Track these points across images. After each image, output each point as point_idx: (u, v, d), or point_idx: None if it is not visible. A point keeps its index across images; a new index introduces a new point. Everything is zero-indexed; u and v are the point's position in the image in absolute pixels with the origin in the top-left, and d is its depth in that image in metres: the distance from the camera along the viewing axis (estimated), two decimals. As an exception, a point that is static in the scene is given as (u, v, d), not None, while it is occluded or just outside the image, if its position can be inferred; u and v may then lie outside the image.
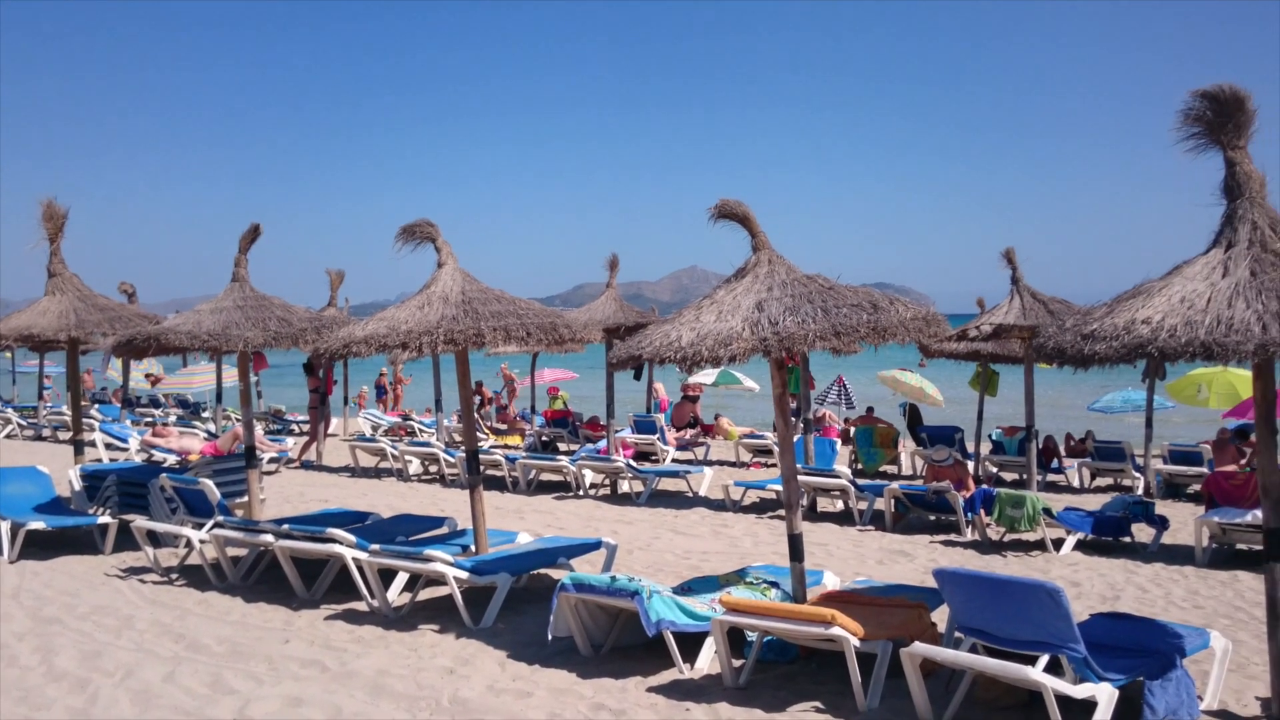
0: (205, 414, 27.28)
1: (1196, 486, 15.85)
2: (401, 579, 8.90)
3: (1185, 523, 12.73)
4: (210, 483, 10.97)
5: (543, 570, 9.44)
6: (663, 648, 7.16)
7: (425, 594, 9.07)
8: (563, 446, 22.23)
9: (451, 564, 8.37)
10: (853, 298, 7.14)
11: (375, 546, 8.72)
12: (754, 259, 7.65)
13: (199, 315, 10.64)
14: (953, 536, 12.38)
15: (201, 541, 10.01)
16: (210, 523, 10.10)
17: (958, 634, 6.59)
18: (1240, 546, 11.27)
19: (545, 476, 16.91)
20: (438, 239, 9.37)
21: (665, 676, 7.04)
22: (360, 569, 8.72)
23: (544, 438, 22.56)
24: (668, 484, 16.44)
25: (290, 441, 20.37)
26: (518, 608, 8.75)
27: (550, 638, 7.49)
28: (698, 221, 7.94)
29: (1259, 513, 10.25)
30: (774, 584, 7.93)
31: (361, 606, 8.83)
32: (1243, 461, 16.72)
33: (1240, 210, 6.26)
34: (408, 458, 17.97)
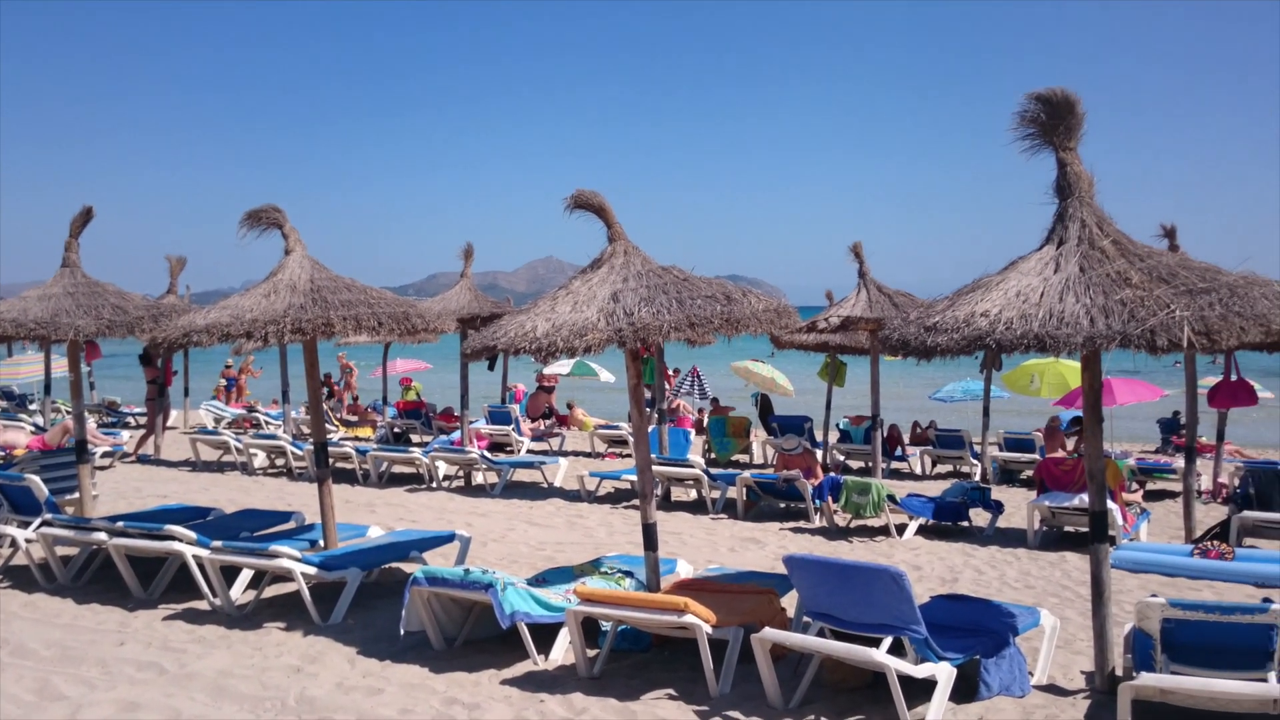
0: (33, 406, 25.83)
1: (1029, 472, 16.63)
2: (245, 576, 8.62)
3: (1019, 507, 13.34)
4: (37, 479, 10.39)
5: (394, 564, 9.27)
6: (517, 640, 7.12)
7: (271, 591, 8.80)
8: (415, 438, 21.88)
9: (299, 559, 8.14)
10: (707, 289, 7.23)
11: (217, 543, 8.41)
12: (610, 250, 7.67)
13: (25, 302, 10.06)
14: (802, 523, 12.69)
15: (28, 541, 9.49)
16: (37, 521, 9.58)
17: (806, 618, 6.75)
18: (1068, 529, 11.87)
19: (397, 469, 16.61)
20: (285, 225, 9.08)
21: (519, 668, 7.01)
22: (201, 567, 8.41)
23: (396, 429, 22.17)
24: (522, 475, 16.36)
25: (126, 435, 19.45)
26: (368, 603, 8.57)
27: (402, 633, 7.36)
28: (554, 211, 7.92)
29: (1085, 496, 10.84)
30: (628, 573, 7.98)
31: (203, 606, 8.51)
32: (1070, 448, 17.62)
33: (1071, 209, 6.58)
34: (252, 451, 17.40)
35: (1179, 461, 15.14)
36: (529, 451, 19.73)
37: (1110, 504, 10.43)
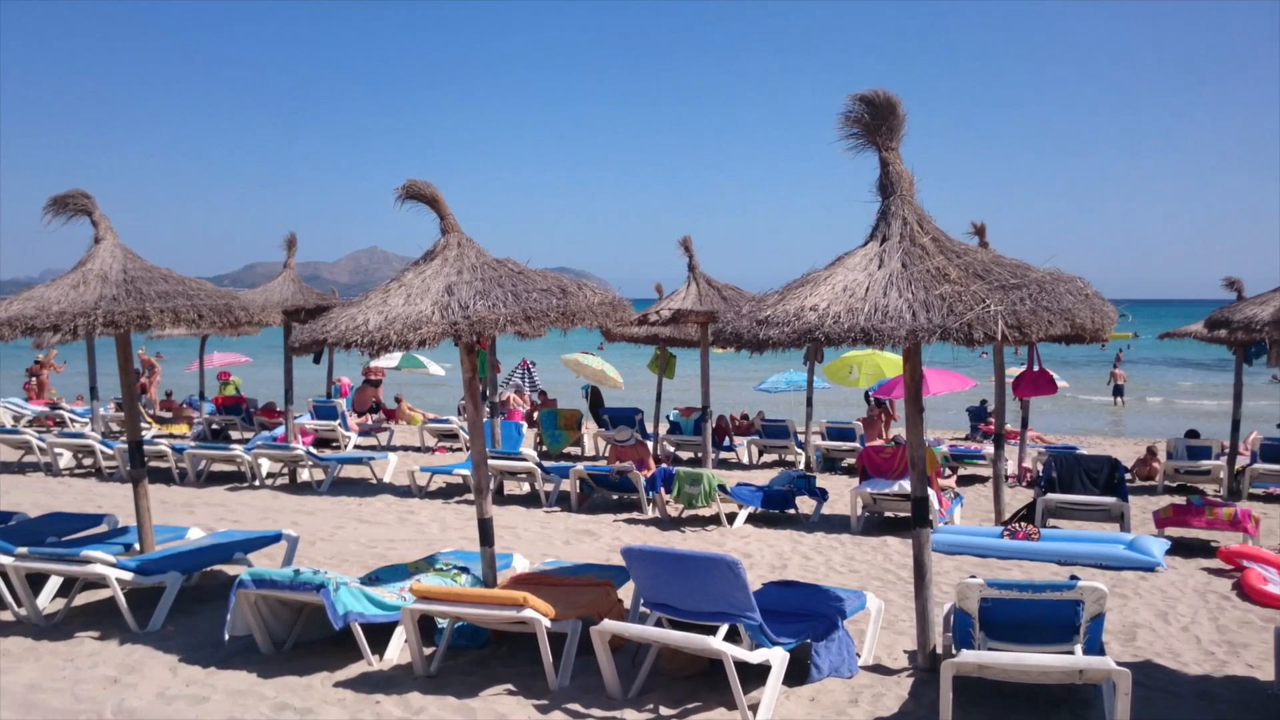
0: None
1: (851, 460, 17.26)
2: (54, 584, 8.13)
3: (842, 494, 13.82)
4: None
5: (217, 567, 8.91)
6: (350, 641, 6.95)
7: (83, 599, 8.34)
8: (235, 434, 21.06)
9: (113, 564, 7.72)
10: (542, 282, 7.20)
11: (22, 550, 7.88)
12: (443, 241, 7.55)
13: None
14: (635, 514, 12.81)
15: None
16: None
17: (644, 609, 6.83)
18: (888, 514, 12.38)
19: (217, 467, 15.96)
20: (94, 212, 8.59)
21: (353, 670, 6.84)
22: (4, 575, 7.88)
23: (214, 425, 21.27)
24: (350, 471, 15.98)
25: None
26: (190, 608, 8.21)
27: (227, 638, 7.07)
28: (380, 201, 7.73)
29: (905, 483, 11.33)
30: (464, 569, 7.89)
31: (6, 616, 7.98)
32: (889, 436, 18.36)
33: (893, 207, 6.85)
34: (57, 450, 16.41)
35: (988, 448, 16.00)
36: (356, 447, 19.28)
37: (927, 489, 10.92)
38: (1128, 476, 14.95)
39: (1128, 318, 7.53)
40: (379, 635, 7.09)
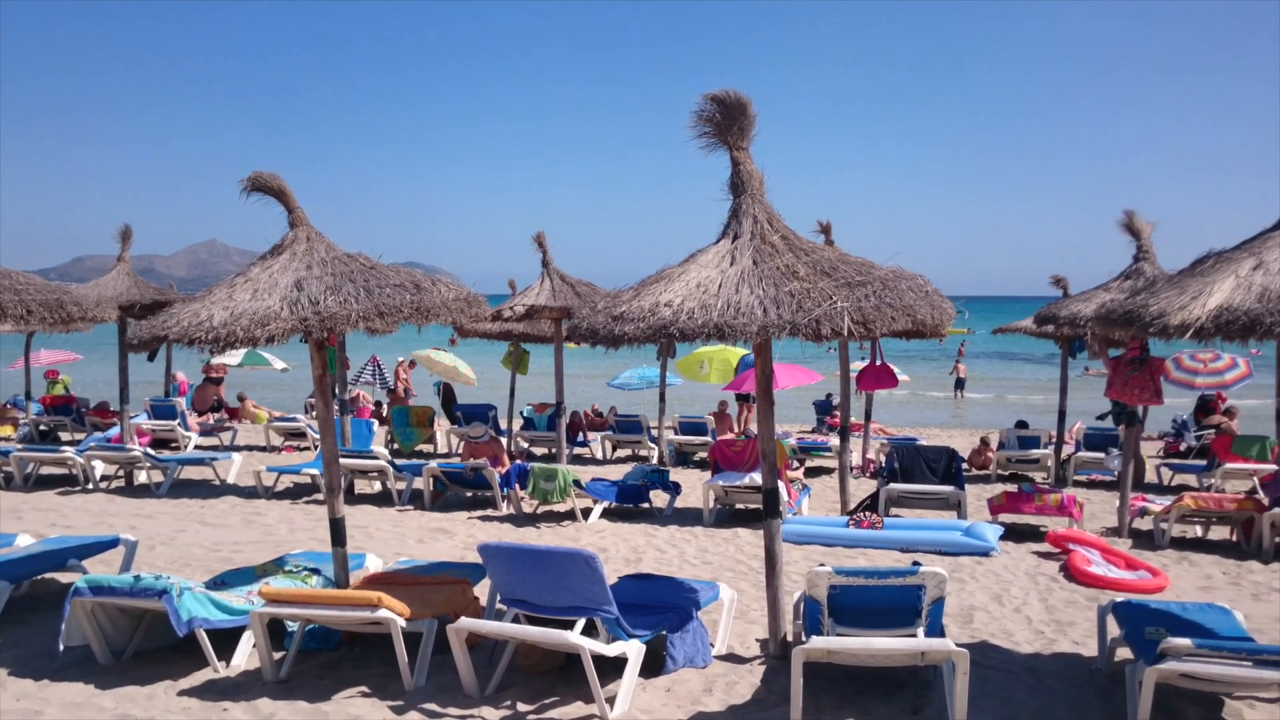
0: None
1: (703, 454, 17.53)
2: None
3: (694, 487, 14.04)
4: None
5: (50, 575, 8.49)
6: (195, 648, 6.71)
7: (-103, 613, 7.82)
8: (66, 436, 20.05)
9: (-68, 576, 7.28)
10: (395, 278, 7.10)
11: None
12: (291, 235, 7.37)
13: None
14: (490, 511, 12.74)
15: None
16: None
17: (500, 605, 6.80)
18: (740, 506, 12.63)
19: (46, 470, 15.14)
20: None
21: (199, 677, 6.61)
22: None
23: (42, 426, 20.21)
24: (191, 472, 15.40)
25: None
26: (20, 619, 7.79)
27: (61, 648, 6.75)
28: (220, 191, 7.51)
29: (756, 475, 11.57)
30: (315, 570, 7.72)
31: None
32: (739, 429, 18.71)
33: (744, 205, 7.00)
34: None
35: (834, 440, 16.47)
36: (197, 447, 18.61)
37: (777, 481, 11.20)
38: (964, 466, 15.64)
39: (964, 314, 7.87)
40: (226, 641, 6.87)
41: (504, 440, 16.74)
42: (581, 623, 6.18)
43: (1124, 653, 6.73)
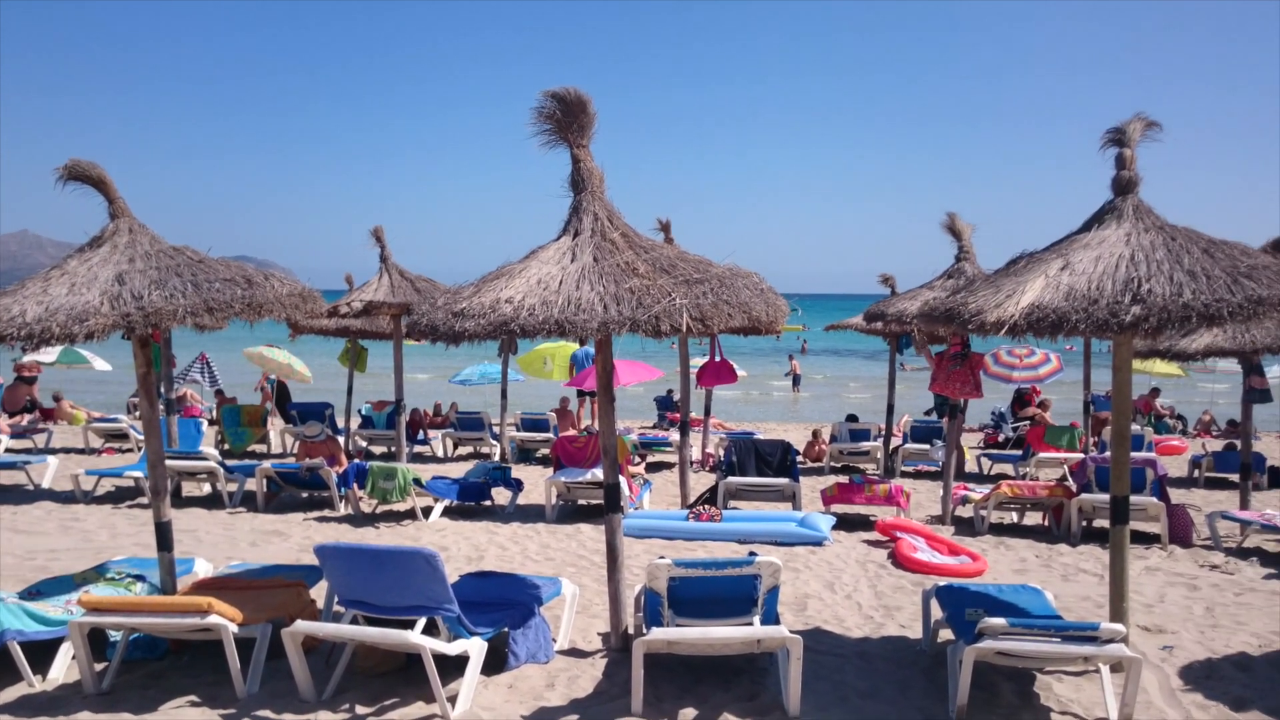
0: None
1: (545, 450, 17.54)
2: None
3: (537, 484, 14.04)
4: None
5: None
6: (8, 662, 6.35)
7: None
8: None
9: None
10: (225, 272, 6.86)
11: None
12: (112, 226, 7.04)
13: None
14: (327, 512, 12.45)
15: None
16: None
17: (339, 607, 6.67)
18: (582, 502, 12.70)
19: None
20: None
21: (12, 693, 6.25)
22: None
23: None
24: (3, 477, 14.54)
25: None
26: None
27: None
28: (30, 179, 7.11)
29: (598, 471, 11.66)
30: (139, 577, 7.42)
31: None
32: (581, 426, 18.79)
33: (584, 202, 7.05)
34: None
35: (674, 435, 16.72)
36: (8, 450, 17.55)
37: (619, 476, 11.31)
38: (799, 459, 16.09)
39: (797, 311, 8.11)
40: (42, 654, 6.53)
41: (341, 439, 16.37)
42: (422, 622, 6.12)
43: (946, 634, 7.07)
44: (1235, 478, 14.10)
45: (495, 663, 6.62)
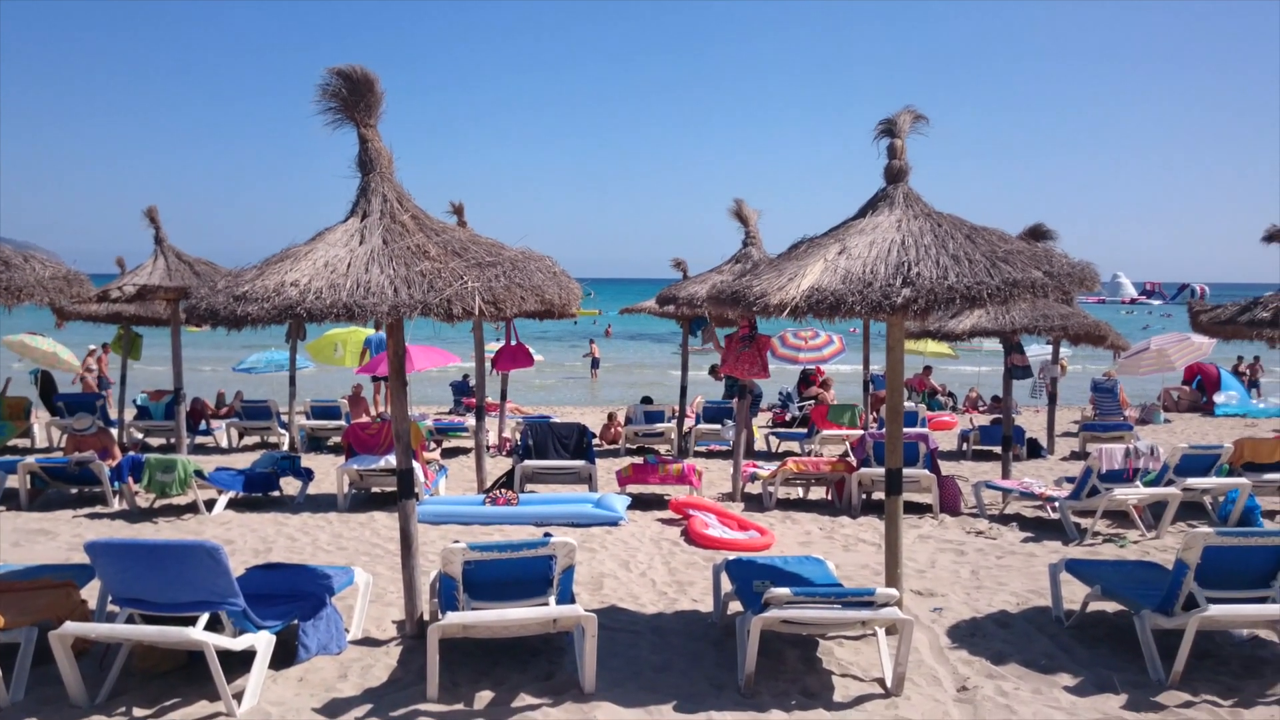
0: None
1: (337, 438, 17.10)
2: None
3: (328, 473, 13.68)
4: None
5: None
6: None
7: None
8: None
9: None
10: (-21, 253, 6.39)
11: None
12: None
13: None
14: (99, 508, 11.77)
15: None
16: None
17: (113, 606, 6.33)
18: (376, 490, 12.46)
19: None
20: None
21: None
22: None
23: None
24: None
25: None
26: None
27: None
28: None
29: (392, 458, 11.48)
30: (-116, 585, 6.82)
31: None
32: (376, 413, 18.42)
33: (373, 183, 6.90)
34: None
35: (470, 420, 16.61)
36: None
37: (413, 463, 11.15)
38: (596, 441, 16.26)
39: (590, 294, 8.21)
40: None
41: (114, 431, 15.48)
42: (205, 618, 5.88)
43: (736, 606, 7.32)
44: (999, 449, 15.12)
45: (285, 656, 6.44)
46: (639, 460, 12.66)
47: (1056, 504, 10.85)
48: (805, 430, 17.60)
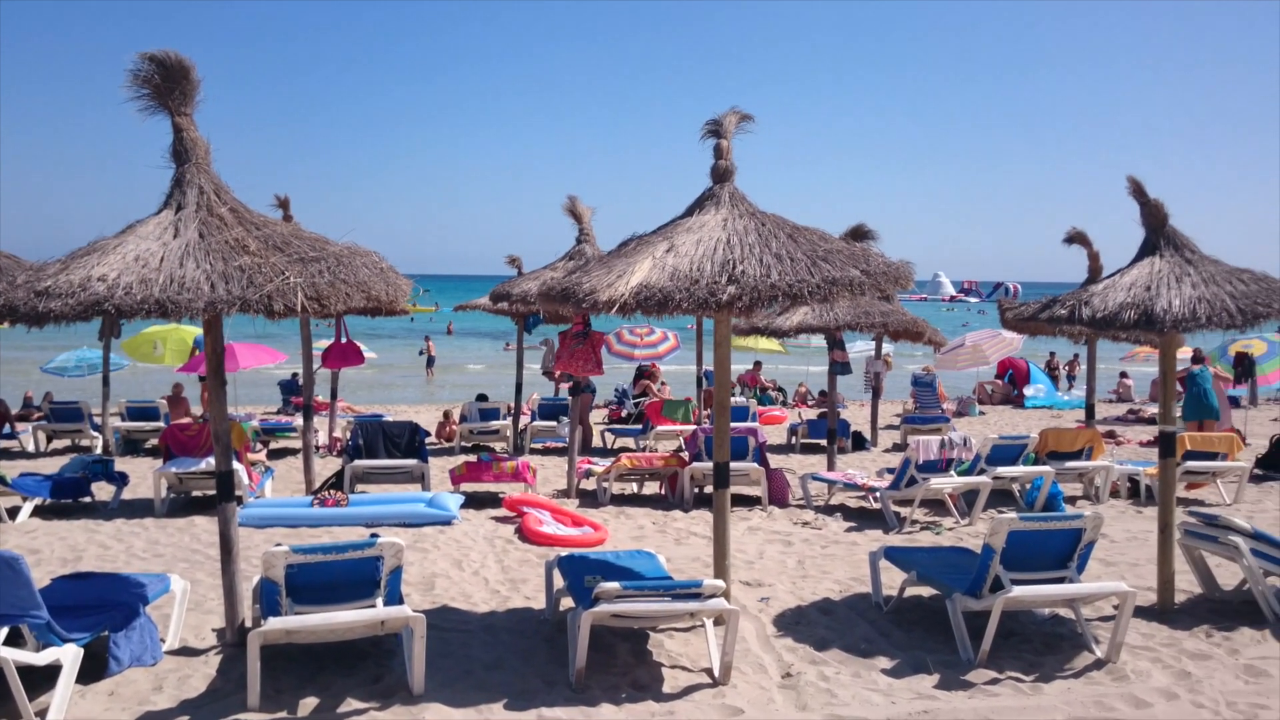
0: None
1: (155, 441, 16.36)
2: None
3: (145, 476, 13.09)
4: None
5: None
6: None
7: None
8: None
9: None
10: None
11: None
12: None
13: None
14: (-113, 519, 10.95)
15: None
16: None
17: (-101, 625, 5.90)
18: (196, 493, 11.99)
19: None
20: None
21: None
22: None
23: None
24: None
25: None
26: None
27: None
28: None
29: (212, 459, 11.05)
30: None
31: None
32: (198, 414, 17.72)
33: (189, 175, 6.64)
34: None
35: (299, 420, 16.16)
36: None
37: (236, 464, 10.76)
38: (432, 440, 16.07)
39: (419, 291, 8.09)
40: None
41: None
42: (4, 632, 5.54)
43: (568, 602, 7.34)
44: (825, 442, 15.61)
45: (96, 669, 6.13)
46: (473, 458, 12.55)
47: (878, 494, 11.29)
48: (640, 426, 17.79)
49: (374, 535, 6.32)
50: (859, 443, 17.62)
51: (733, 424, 12.25)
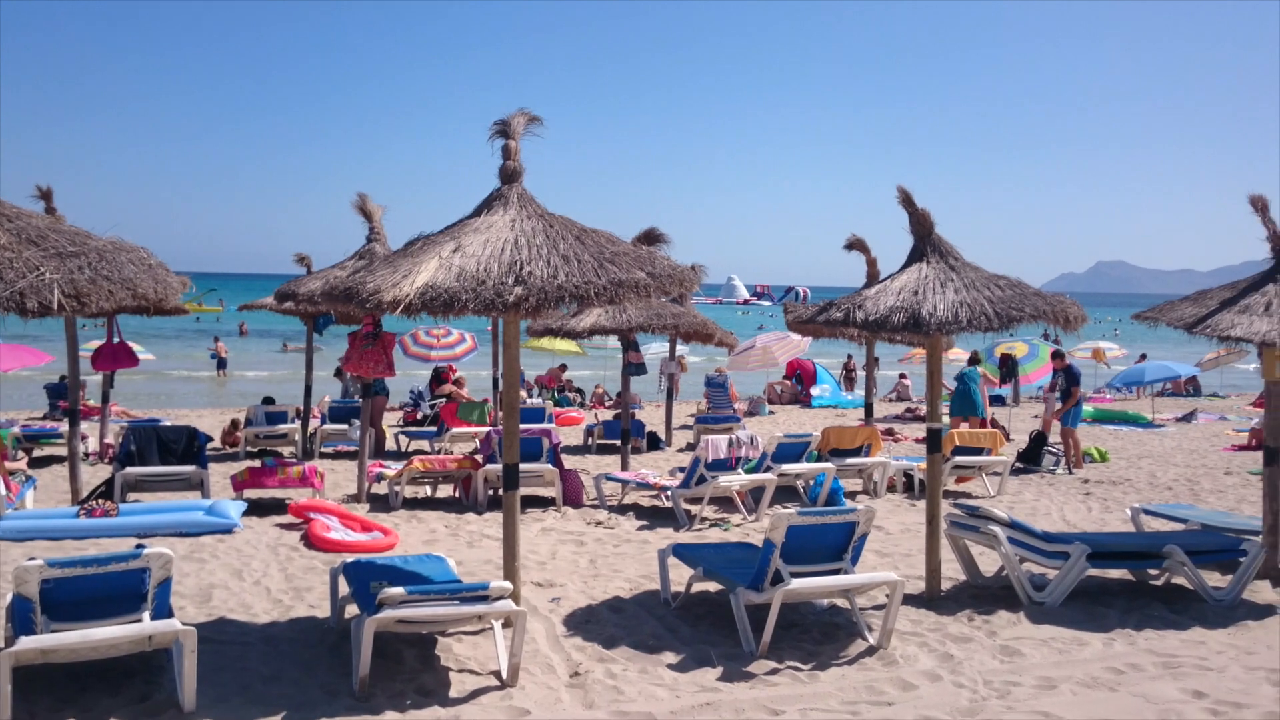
0: None
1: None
2: None
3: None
4: None
5: None
6: None
7: None
8: None
9: None
10: None
11: None
12: None
13: None
14: None
15: None
16: None
17: None
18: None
19: None
20: None
21: None
22: None
23: None
24: None
25: None
26: None
27: None
28: None
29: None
30: None
31: None
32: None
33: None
34: None
35: (66, 425, 15.17)
36: None
37: None
38: (217, 445, 15.41)
39: (196, 291, 7.75)
40: None
41: None
42: None
43: (353, 609, 7.16)
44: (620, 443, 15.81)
45: None
46: (257, 464, 12.09)
47: (669, 493, 11.50)
48: (436, 429, 17.55)
49: (140, 546, 6.01)
50: (654, 443, 17.92)
51: (527, 425, 12.28)
